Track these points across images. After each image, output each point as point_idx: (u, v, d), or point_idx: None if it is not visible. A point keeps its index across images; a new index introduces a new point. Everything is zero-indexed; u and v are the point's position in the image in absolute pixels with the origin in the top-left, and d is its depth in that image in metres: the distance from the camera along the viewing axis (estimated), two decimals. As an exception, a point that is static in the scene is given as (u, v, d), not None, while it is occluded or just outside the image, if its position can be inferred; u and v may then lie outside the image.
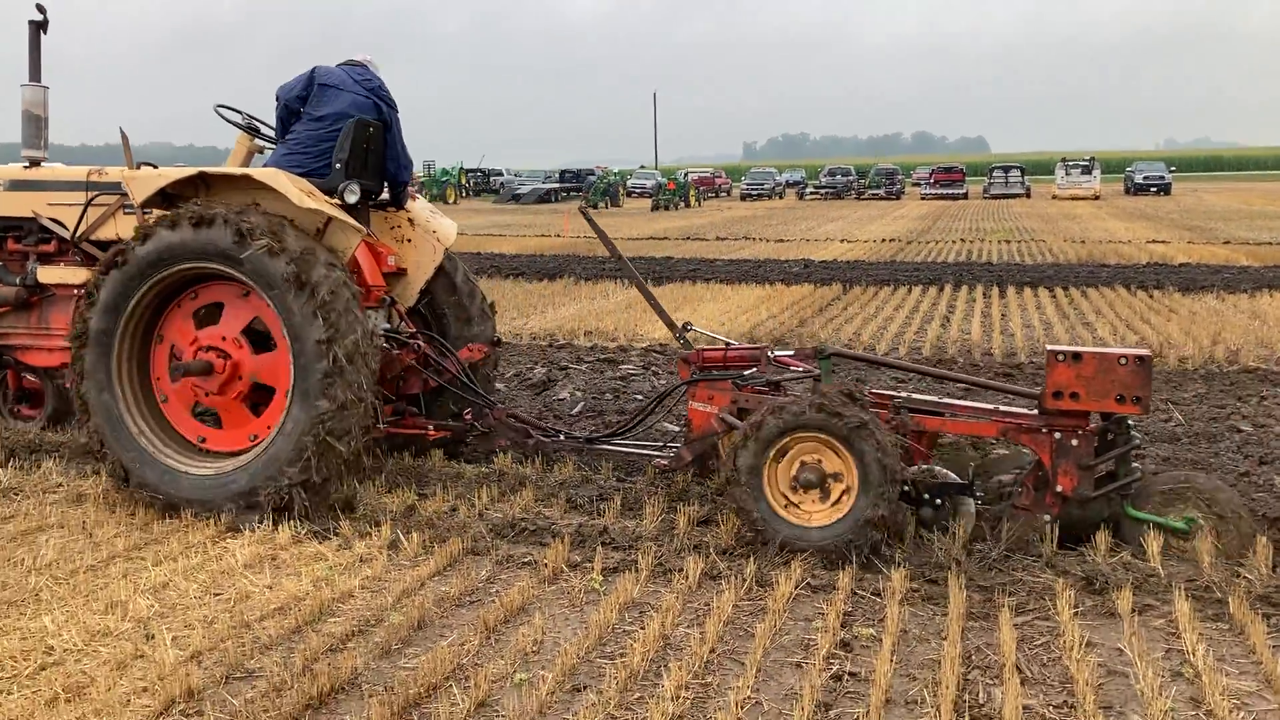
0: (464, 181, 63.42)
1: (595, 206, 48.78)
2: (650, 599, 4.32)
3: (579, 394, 8.43)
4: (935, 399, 5.28)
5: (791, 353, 5.78)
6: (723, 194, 65.73)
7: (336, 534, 5.04)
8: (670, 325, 5.89)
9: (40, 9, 6.34)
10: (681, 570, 4.55)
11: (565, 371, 9.40)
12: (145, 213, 5.75)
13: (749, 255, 21.56)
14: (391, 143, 6.14)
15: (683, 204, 49.03)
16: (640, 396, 8.26)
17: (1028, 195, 54.41)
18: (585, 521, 5.21)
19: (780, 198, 60.17)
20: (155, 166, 6.05)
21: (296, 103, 5.93)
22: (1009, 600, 4.24)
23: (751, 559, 4.63)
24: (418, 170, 63.98)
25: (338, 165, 5.75)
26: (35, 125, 6.52)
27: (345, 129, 5.77)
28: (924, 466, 4.99)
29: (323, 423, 5.07)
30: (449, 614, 4.19)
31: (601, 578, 4.53)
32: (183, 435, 5.55)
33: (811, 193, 60.65)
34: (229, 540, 4.98)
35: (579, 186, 57.66)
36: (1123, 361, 4.59)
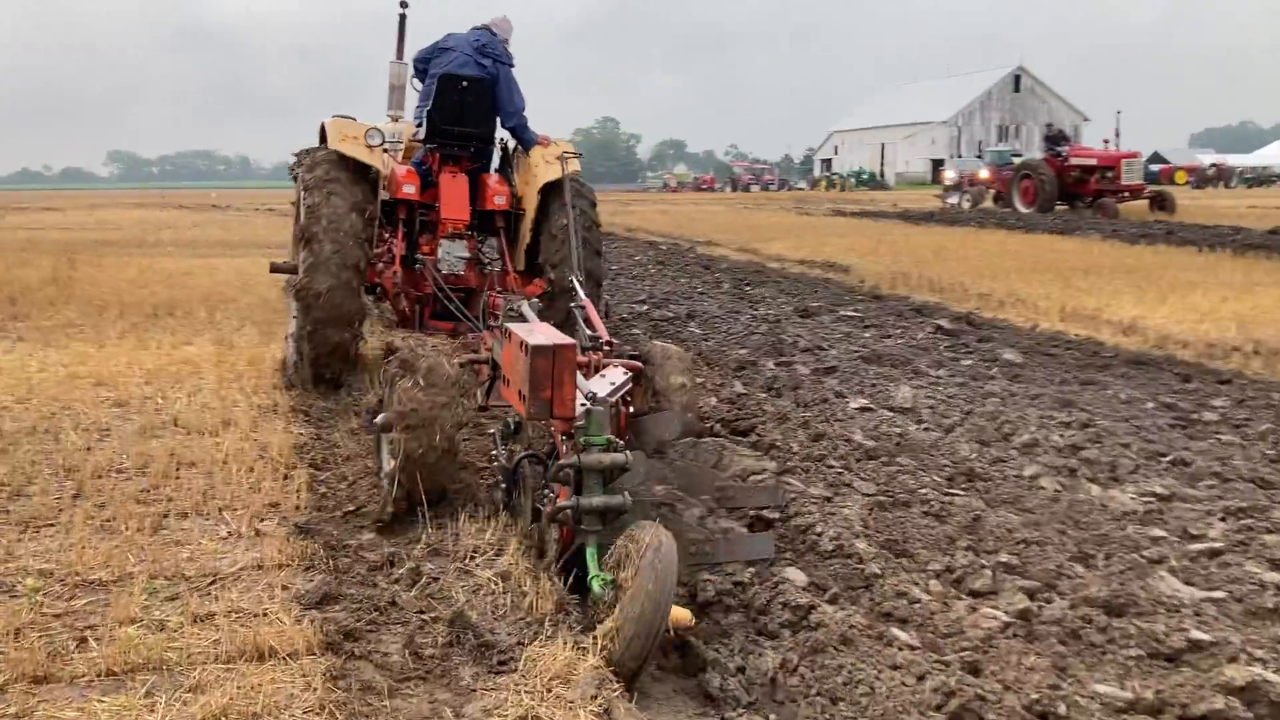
0: None
1: None
2: None
3: None
4: None
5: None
6: None
7: None
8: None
9: (403, 4, 8.10)
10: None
11: None
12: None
13: None
14: (497, 94, 7.05)
15: None
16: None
17: None
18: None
19: None
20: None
21: (421, 65, 7.12)
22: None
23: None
24: None
25: (421, 116, 6.93)
26: (394, 92, 8.26)
27: (432, 84, 6.84)
28: (520, 451, 4.28)
29: (302, 306, 6.33)
30: None
31: None
32: None
33: None
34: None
35: None
36: None
